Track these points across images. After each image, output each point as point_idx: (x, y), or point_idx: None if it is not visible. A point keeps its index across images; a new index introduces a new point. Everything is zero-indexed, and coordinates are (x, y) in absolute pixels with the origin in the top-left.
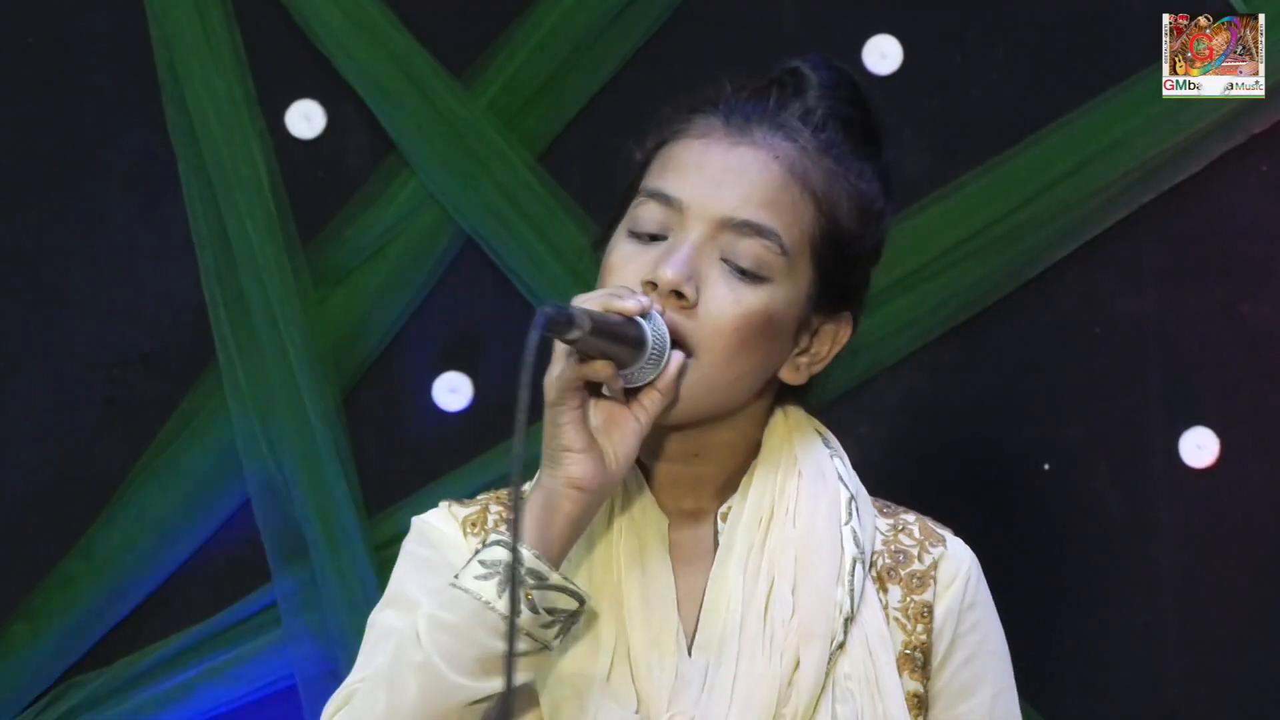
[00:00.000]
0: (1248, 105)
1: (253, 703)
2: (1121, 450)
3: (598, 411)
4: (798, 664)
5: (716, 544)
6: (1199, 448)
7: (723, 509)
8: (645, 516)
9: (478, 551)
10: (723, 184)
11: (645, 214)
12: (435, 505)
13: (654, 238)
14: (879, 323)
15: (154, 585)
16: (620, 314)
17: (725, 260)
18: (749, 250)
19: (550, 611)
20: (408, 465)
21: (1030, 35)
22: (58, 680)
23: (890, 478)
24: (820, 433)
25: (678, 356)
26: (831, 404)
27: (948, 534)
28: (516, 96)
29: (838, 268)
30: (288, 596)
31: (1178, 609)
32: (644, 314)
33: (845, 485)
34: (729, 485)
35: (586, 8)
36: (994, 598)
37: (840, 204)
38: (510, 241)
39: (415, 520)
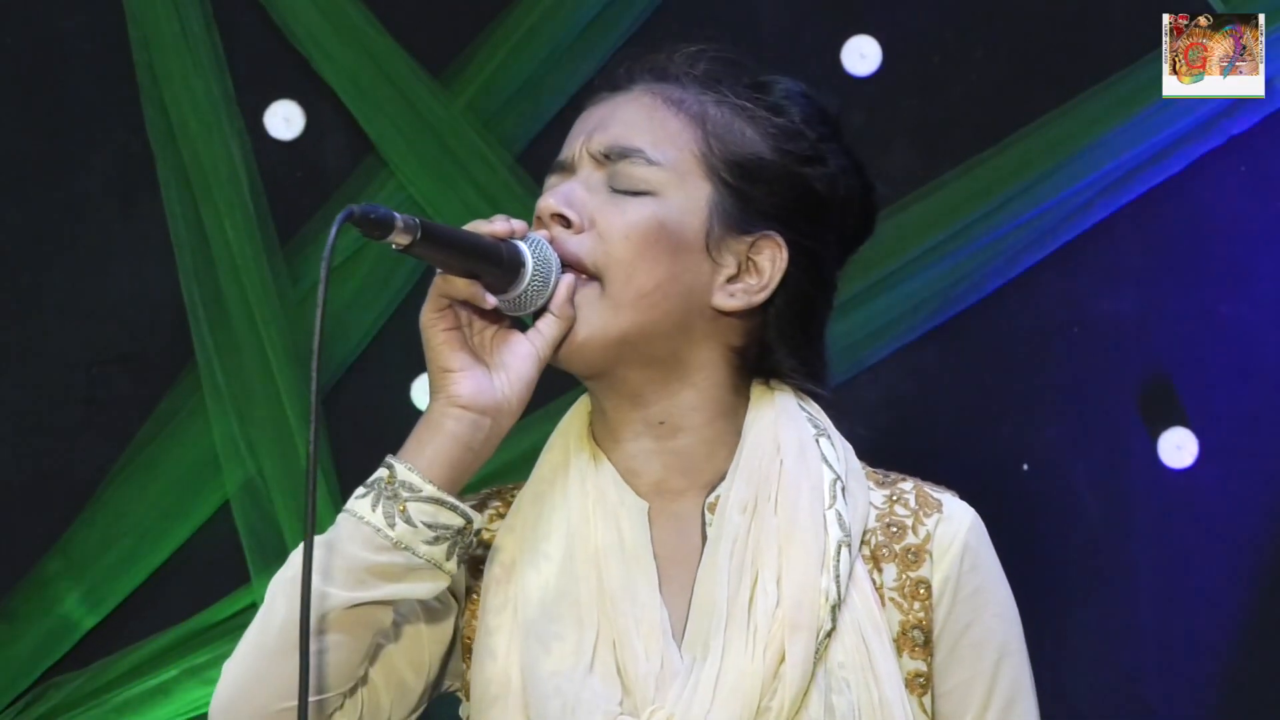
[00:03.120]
0: (1227, 108)
1: None
2: (1100, 451)
3: (493, 337)
4: (783, 657)
5: (705, 536)
6: (1178, 448)
7: (710, 499)
8: (622, 504)
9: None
10: (596, 128)
11: (549, 185)
12: None
13: None
14: (859, 323)
15: (133, 586)
16: (488, 235)
17: (611, 188)
18: (625, 171)
19: (431, 526)
20: None
21: (1009, 36)
22: (37, 681)
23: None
24: (806, 410)
25: (567, 278)
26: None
27: (945, 497)
28: (495, 97)
29: (744, 183)
30: None
31: (1155, 609)
32: (513, 235)
33: (829, 466)
34: (715, 473)
35: (565, 8)
36: None
37: (736, 127)
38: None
39: None
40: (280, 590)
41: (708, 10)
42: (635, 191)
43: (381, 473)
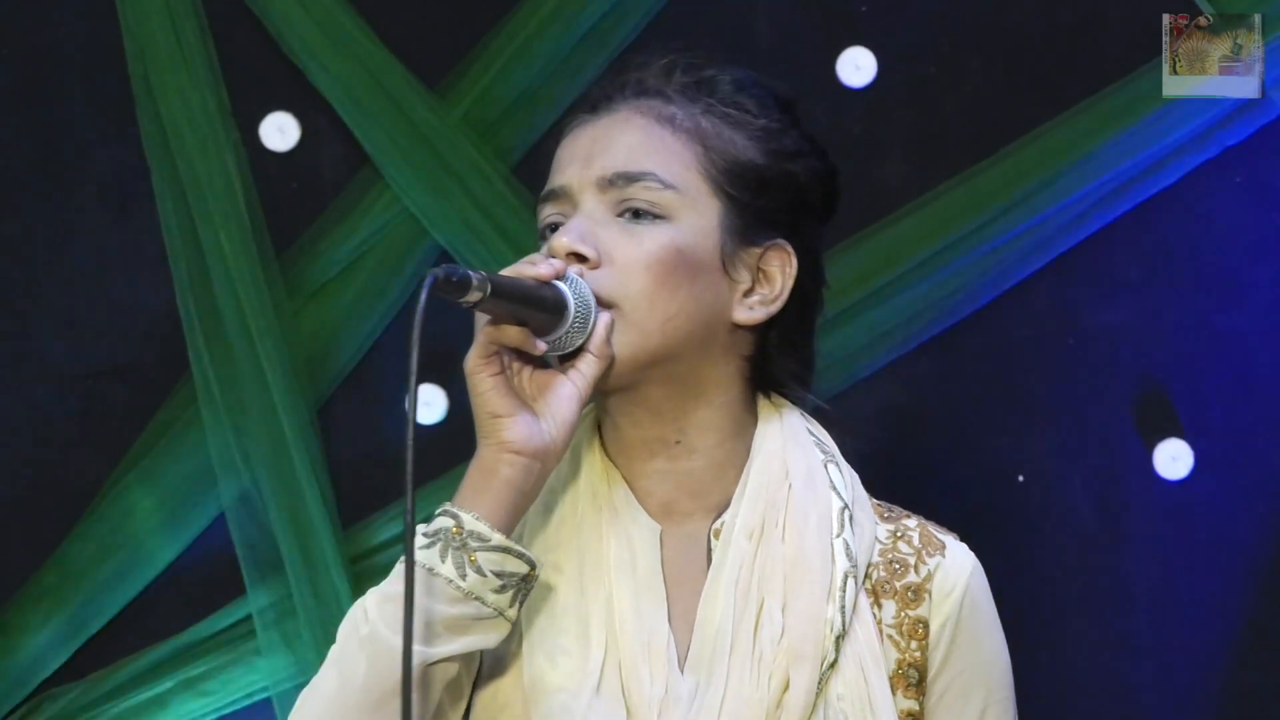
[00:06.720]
0: (1222, 118)
1: (227, 715)
2: (1096, 462)
3: (531, 378)
4: (787, 686)
5: (710, 561)
6: (1173, 460)
7: (716, 525)
8: (636, 526)
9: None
10: (592, 154)
11: (544, 215)
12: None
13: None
14: (854, 334)
15: (129, 598)
16: (534, 279)
17: (620, 216)
18: (637, 195)
19: (499, 575)
20: (382, 478)
21: (1004, 48)
22: (32, 693)
23: (865, 490)
24: (814, 434)
25: (604, 317)
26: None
27: (949, 540)
28: (491, 109)
29: (747, 195)
30: (262, 609)
31: (1151, 620)
32: (559, 277)
33: (838, 494)
34: (723, 495)
35: (561, 20)
36: None
37: (726, 135)
38: (485, 254)
39: None
40: (359, 647)
41: (704, 21)
42: (649, 215)
43: (446, 522)
